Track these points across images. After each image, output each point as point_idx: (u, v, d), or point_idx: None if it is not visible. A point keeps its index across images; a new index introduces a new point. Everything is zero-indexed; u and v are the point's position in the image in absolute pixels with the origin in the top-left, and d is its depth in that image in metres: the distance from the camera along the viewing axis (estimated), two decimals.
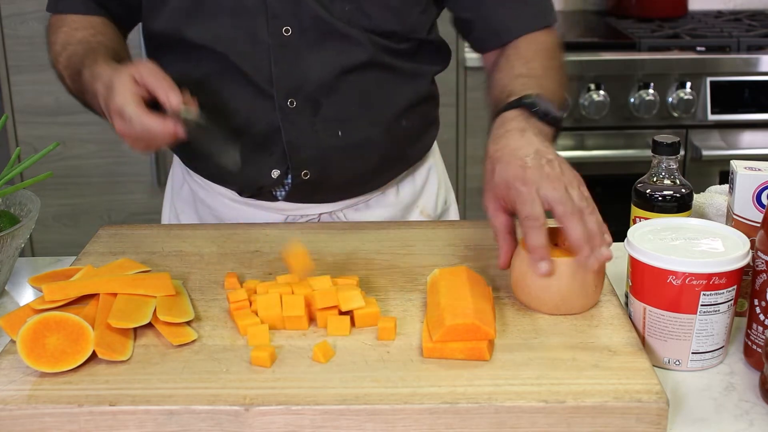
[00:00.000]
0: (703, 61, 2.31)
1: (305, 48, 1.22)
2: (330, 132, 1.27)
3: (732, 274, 0.92)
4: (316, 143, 1.26)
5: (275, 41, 1.22)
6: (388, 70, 1.27)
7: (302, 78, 1.23)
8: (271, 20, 1.21)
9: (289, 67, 1.23)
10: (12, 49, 2.40)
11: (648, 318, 0.95)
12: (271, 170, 1.28)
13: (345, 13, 1.22)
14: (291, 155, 1.27)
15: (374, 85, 1.27)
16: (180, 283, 1.07)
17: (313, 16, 1.21)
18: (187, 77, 1.20)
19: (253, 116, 1.25)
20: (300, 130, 1.26)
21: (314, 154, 1.27)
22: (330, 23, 1.21)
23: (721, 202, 1.20)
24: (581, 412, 0.83)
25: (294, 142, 1.26)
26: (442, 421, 0.83)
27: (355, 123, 1.27)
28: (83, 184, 2.50)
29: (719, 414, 0.89)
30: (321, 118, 1.26)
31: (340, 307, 0.97)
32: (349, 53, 1.23)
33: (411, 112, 1.31)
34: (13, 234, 1.11)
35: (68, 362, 0.89)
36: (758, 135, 2.36)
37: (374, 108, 1.28)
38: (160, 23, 1.25)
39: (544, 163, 1.02)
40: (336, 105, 1.25)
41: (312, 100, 1.25)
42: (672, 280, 0.92)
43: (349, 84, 1.25)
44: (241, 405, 0.84)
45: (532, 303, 1.00)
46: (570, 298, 0.98)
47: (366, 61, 1.24)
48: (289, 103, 1.24)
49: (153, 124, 1.06)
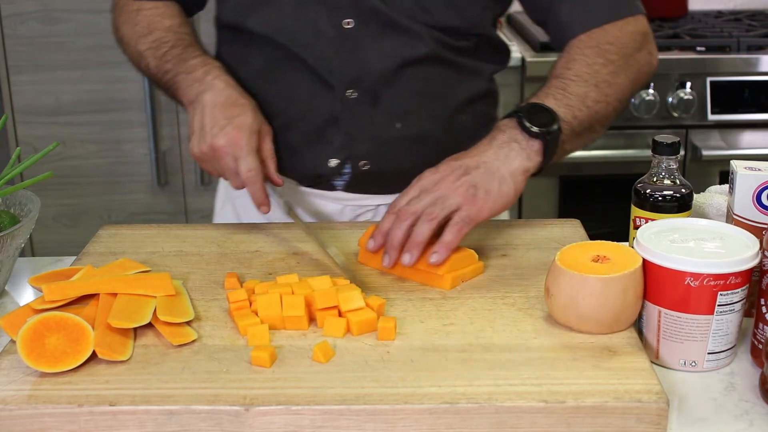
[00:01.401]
0: (703, 61, 2.31)
1: (366, 39, 1.24)
2: (388, 124, 1.29)
3: (746, 273, 0.93)
4: (375, 134, 1.29)
5: (336, 32, 1.24)
6: (448, 66, 1.29)
7: (363, 69, 1.26)
8: (333, 12, 1.23)
9: (350, 57, 1.25)
10: (12, 49, 2.40)
11: (663, 321, 0.95)
12: (329, 159, 1.30)
13: (405, 8, 1.24)
14: (349, 145, 1.29)
15: (434, 79, 1.28)
16: (180, 283, 1.07)
17: (374, 9, 1.23)
18: (249, 65, 1.27)
19: (313, 105, 1.27)
20: (359, 120, 1.28)
21: (372, 145, 1.29)
22: (390, 16, 1.23)
23: (721, 202, 1.20)
24: (581, 412, 0.83)
25: (352, 132, 1.28)
26: (442, 421, 0.83)
27: (413, 116, 1.29)
28: (83, 184, 2.50)
29: (719, 414, 0.89)
30: (380, 109, 1.28)
31: (339, 307, 0.97)
32: (410, 46, 1.25)
33: (470, 108, 1.32)
34: (13, 234, 1.11)
35: (68, 362, 0.89)
36: (758, 135, 2.36)
37: (433, 102, 1.30)
38: (226, 14, 1.31)
39: (457, 167, 1.08)
40: (395, 97, 1.27)
41: (372, 92, 1.27)
42: (690, 282, 0.92)
43: (409, 77, 1.26)
44: (241, 405, 0.84)
45: (585, 326, 0.95)
46: (623, 315, 0.95)
47: (426, 55, 1.26)
48: (349, 94, 1.26)
49: (258, 189, 1.16)
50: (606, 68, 1.21)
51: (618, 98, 1.22)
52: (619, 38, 1.23)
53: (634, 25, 1.25)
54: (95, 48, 2.40)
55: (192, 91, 1.22)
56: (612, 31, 1.23)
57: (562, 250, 0.99)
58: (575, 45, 1.24)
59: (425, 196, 1.08)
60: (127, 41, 1.34)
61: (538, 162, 1.12)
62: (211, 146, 1.16)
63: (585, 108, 1.18)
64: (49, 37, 2.39)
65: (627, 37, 1.24)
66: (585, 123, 1.18)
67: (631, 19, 1.25)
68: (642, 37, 1.25)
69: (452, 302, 1.03)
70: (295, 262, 1.15)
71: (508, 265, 1.13)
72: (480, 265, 1.11)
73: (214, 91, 1.20)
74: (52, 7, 2.38)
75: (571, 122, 1.15)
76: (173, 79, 1.26)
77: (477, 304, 1.03)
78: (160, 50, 1.28)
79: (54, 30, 2.39)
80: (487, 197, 1.07)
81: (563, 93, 1.17)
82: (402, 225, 1.07)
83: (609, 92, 1.20)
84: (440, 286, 1.07)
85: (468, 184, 1.08)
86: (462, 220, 1.06)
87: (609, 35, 1.23)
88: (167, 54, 1.28)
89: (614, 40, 1.23)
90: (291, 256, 1.17)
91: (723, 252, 0.94)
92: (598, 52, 1.22)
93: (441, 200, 1.07)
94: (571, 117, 1.16)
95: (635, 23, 1.25)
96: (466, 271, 1.09)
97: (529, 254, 1.16)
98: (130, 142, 2.47)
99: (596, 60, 1.21)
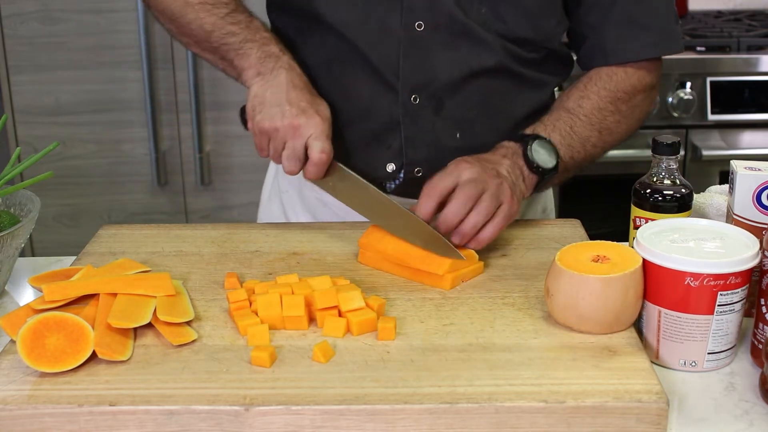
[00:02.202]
0: (703, 61, 2.31)
1: (436, 45, 1.23)
2: (449, 132, 1.27)
3: (746, 273, 0.93)
4: (434, 142, 1.27)
5: (407, 34, 1.22)
6: (514, 78, 1.27)
7: (430, 75, 1.24)
8: (406, 12, 1.21)
9: (418, 62, 1.23)
10: (12, 49, 2.40)
11: (663, 321, 0.95)
12: (387, 164, 1.28)
13: (480, 16, 1.22)
14: (407, 151, 1.27)
15: (499, 90, 1.27)
16: (180, 283, 1.07)
17: (448, 15, 1.21)
18: (307, 55, 1.23)
19: (375, 106, 1.26)
20: (420, 127, 1.26)
21: (430, 153, 1.27)
22: (463, 23, 1.22)
23: (721, 202, 1.20)
24: (581, 412, 0.83)
25: (412, 138, 1.27)
26: (442, 421, 0.83)
27: (475, 126, 1.28)
28: (83, 184, 2.50)
29: (719, 414, 0.89)
30: (442, 117, 1.26)
31: (340, 307, 0.97)
32: (479, 56, 1.24)
33: (529, 121, 1.30)
34: (13, 234, 1.11)
35: (68, 362, 0.89)
36: (758, 135, 2.35)
37: (496, 113, 1.28)
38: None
39: (490, 168, 1.10)
40: (459, 106, 1.26)
41: (436, 99, 1.25)
42: (690, 282, 0.92)
43: (474, 87, 1.25)
44: (241, 405, 0.84)
45: (585, 326, 0.95)
46: (623, 315, 0.95)
47: (494, 66, 1.25)
48: (413, 99, 1.25)
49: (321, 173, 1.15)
50: (613, 117, 1.26)
51: (612, 145, 1.29)
52: (635, 87, 1.27)
53: (652, 74, 1.29)
54: (95, 48, 2.40)
55: (267, 64, 1.18)
56: (632, 80, 1.27)
57: (562, 250, 0.99)
58: (594, 80, 1.26)
59: (477, 187, 1.09)
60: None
61: (529, 193, 1.19)
62: (290, 124, 1.13)
63: (583, 151, 1.23)
64: (49, 37, 2.39)
65: (640, 88, 1.28)
66: (578, 164, 1.24)
67: (653, 66, 1.28)
68: (652, 89, 1.30)
69: (452, 302, 1.03)
70: (295, 262, 1.15)
71: (508, 265, 1.13)
72: (480, 265, 1.11)
73: (292, 73, 1.18)
74: (52, 7, 2.37)
75: (567, 162, 1.21)
76: (238, 43, 1.20)
77: (477, 304, 1.03)
78: (219, 9, 1.23)
79: (54, 30, 2.39)
80: (518, 203, 1.12)
81: (570, 131, 1.22)
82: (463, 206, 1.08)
83: (608, 140, 1.27)
84: (440, 286, 1.07)
85: (507, 185, 1.12)
86: (504, 219, 1.10)
87: (627, 83, 1.27)
88: (231, 15, 1.22)
89: (630, 89, 1.27)
90: (291, 256, 1.17)
91: (723, 252, 0.94)
92: (611, 99, 1.25)
93: (493, 197, 1.09)
94: (569, 157, 1.21)
95: (655, 72, 1.29)
96: (466, 271, 1.09)
97: (529, 254, 1.16)
98: (130, 142, 2.47)
99: (607, 106, 1.25)
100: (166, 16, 1.27)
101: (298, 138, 1.14)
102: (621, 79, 1.26)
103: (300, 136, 1.14)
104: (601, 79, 1.26)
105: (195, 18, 1.23)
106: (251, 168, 2.46)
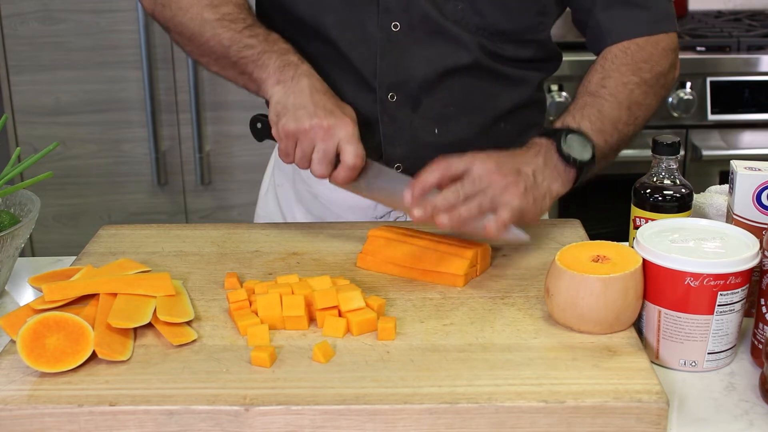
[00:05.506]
0: (703, 61, 2.31)
1: (412, 45, 1.24)
2: (427, 129, 1.28)
3: (746, 273, 0.93)
4: (412, 139, 1.28)
5: (383, 35, 1.24)
6: (491, 75, 1.28)
7: (406, 74, 1.25)
8: (382, 13, 1.23)
9: (395, 61, 1.25)
10: (12, 49, 2.40)
11: (663, 321, 0.95)
12: None
13: (457, 12, 1.23)
14: (385, 148, 1.28)
15: (475, 87, 1.28)
16: (180, 283, 1.07)
17: (423, 14, 1.22)
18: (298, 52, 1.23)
19: (353, 105, 1.24)
20: (397, 124, 1.28)
21: (408, 150, 1.29)
22: (439, 23, 1.23)
23: (721, 202, 1.20)
24: (581, 412, 0.83)
25: (390, 135, 1.28)
26: (442, 421, 0.83)
27: (452, 123, 1.28)
28: (83, 184, 2.50)
29: (719, 414, 0.89)
30: (419, 114, 1.27)
31: (339, 307, 0.97)
32: (455, 54, 1.25)
33: (512, 116, 1.30)
34: (13, 234, 1.11)
35: (68, 362, 0.89)
36: (758, 135, 2.36)
37: (473, 110, 1.29)
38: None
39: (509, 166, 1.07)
40: (435, 103, 1.27)
41: (413, 97, 1.27)
42: (690, 282, 0.92)
43: (450, 84, 1.26)
44: (241, 405, 0.84)
45: (585, 326, 0.95)
46: (623, 315, 0.95)
47: (470, 64, 1.25)
48: (390, 97, 1.26)
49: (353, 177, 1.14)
50: (639, 88, 1.22)
51: (645, 119, 1.24)
52: (653, 55, 1.24)
53: (667, 41, 1.26)
54: (95, 48, 2.40)
55: (287, 73, 1.18)
56: (647, 48, 1.24)
57: (562, 250, 0.99)
58: (610, 59, 1.24)
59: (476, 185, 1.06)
60: (184, 6, 1.26)
61: (569, 188, 1.14)
62: (319, 125, 1.13)
63: (616, 132, 1.19)
64: (49, 37, 2.39)
65: (660, 54, 1.25)
66: (614, 147, 1.20)
67: (665, 36, 1.26)
68: (673, 54, 1.27)
69: (452, 302, 1.03)
70: (295, 262, 1.15)
71: (508, 265, 1.13)
72: (488, 261, 1.12)
73: (313, 79, 1.18)
74: (52, 7, 2.37)
75: (602, 147, 1.17)
76: (256, 55, 1.21)
77: (477, 304, 1.03)
78: (237, 24, 1.23)
79: (54, 30, 2.39)
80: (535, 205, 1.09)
81: (598, 115, 1.18)
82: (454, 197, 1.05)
83: (639, 114, 1.22)
84: (454, 284, 1.07)
85: (523, 184, 1.08)
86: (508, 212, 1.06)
87: (644, 52, 1.24)
88: (249, 29, 1.23)
89: (648, 57, 1.24)
90: (291, 256, 1.17)
91: (723, 252, 0.94)
92: (632, 70, 1.22)
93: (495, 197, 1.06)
94: (602, 142, 1.17)
95: (668, 39, 1.26)
96: (477, 268, 1.09)
97: (529, 254, 1.16)
98: (130, 142, 2.47)
99: (631, 78, 1.21)
100: (184, 37, 1.27)
101: (329, 139, 1.13)
102: (635, 51, 1.24)
103: (331, 137, 1.13)
104: (616, 57, 1.24)
105: (213, 35, 1.23)
106: (251, 168, 2.46)
